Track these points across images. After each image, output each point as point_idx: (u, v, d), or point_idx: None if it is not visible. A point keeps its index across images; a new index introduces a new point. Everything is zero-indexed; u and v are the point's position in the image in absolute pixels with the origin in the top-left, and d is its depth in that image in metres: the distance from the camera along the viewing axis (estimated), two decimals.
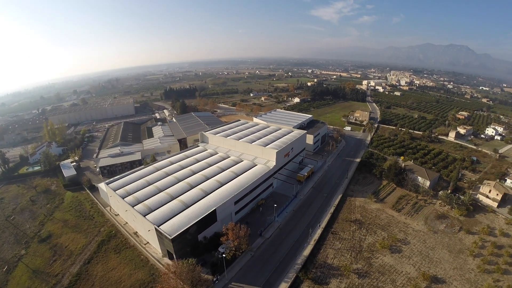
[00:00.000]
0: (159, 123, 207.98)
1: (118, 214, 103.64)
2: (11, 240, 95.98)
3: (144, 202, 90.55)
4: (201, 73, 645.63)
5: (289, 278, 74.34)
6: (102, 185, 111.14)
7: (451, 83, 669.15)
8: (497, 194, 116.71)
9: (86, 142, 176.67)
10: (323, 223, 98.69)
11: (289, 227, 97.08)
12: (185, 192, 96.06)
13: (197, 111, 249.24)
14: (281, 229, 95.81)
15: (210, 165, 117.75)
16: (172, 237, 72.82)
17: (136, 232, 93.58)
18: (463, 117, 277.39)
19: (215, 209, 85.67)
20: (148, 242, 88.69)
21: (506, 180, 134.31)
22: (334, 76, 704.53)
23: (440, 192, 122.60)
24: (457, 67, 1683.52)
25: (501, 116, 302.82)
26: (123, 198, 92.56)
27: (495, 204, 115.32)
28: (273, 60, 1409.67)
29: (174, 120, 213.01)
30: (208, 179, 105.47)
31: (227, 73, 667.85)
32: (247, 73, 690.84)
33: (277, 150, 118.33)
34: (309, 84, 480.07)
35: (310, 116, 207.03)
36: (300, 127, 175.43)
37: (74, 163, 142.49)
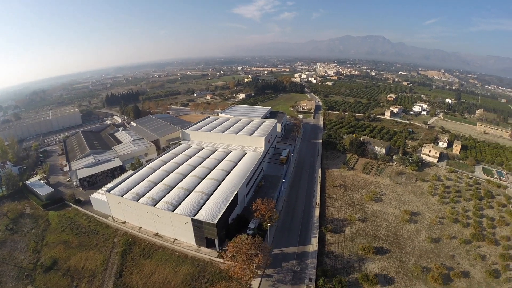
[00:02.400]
0: (121, 128, 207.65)
1: (126, 222, 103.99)
2: (7, 279, 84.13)
3: (163, 200, 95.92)
4: (131, 78, 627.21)
5: (315, 234, 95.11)
6: (96, 196, 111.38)
7: (373, 70, 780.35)
8: (436, 153, 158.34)
9: (42, 158, 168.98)
10: (317, 191, 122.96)
11: (293, 199, 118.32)
12: (199, 184, 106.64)
13: (150, 114, 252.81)
14: (287, 201, 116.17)
15: (205, 158, 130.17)
16: (216, 222, 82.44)
17: (157, 233, 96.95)
18: (392, 98, 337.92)
19: (237, 192, 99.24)
20: (175, 239, 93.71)
21: (438, 143, 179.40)
22: (265, 72, 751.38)
23: (394, 156, 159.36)
24: (375, 55, 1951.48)
25: (422, 95, 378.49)
26: (137, 201, 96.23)
27: (435, 160, 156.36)
28: (200, 60, 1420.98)
29: (135, 125, 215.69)
30: (211, 170, 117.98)
31: (158, 76, 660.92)
32: (179, 74, 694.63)
33: (264, 137, 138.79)
34: (245, 80, 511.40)
35: (269, 108, 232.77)
36: (265, 117, 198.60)
37: (44, 180, 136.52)
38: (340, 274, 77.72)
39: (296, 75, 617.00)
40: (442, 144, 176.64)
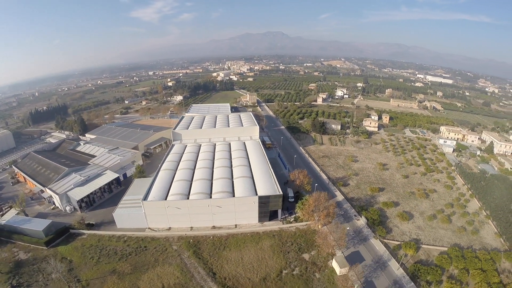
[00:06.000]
0: (82, 142, 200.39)
1: (170, 227, 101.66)
2: None
3: (214, 191, 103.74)
4: (38, 94, 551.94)
5: (334, 189, 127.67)
6: (120, 211, 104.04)
7: (281, 64, 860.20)
8: (375, 124, 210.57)
9: None
10: (312, 162, 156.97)
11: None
12: (233, 172, 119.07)
13: (97, 125, 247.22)
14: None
15: (213, 152, 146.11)
16: (281, 193, 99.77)
17: (214, 226, 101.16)
18: (313, 87, 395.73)
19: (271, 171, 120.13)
20: (236, 224, 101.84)
21: (371, 117, 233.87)
22: (181, 74, 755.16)
23: (348, 130, 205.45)
24: (275, 50, 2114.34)
25: (336, 83, 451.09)
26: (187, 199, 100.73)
27: (376, 129, 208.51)
28: (103, 68, 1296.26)
29: (93, 136, 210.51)
30: (230, 159, 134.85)
31: (67, 89, 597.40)
32: (90, 84, 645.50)
33: (257, 126, 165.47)
34: (170, 84, 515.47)
35: (228, 104, 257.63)
36: (231, 112, 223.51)
37: (21, 214, 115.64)
38: (368, 207, 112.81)
39: (214, 74, 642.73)
40: (374, 118, 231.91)
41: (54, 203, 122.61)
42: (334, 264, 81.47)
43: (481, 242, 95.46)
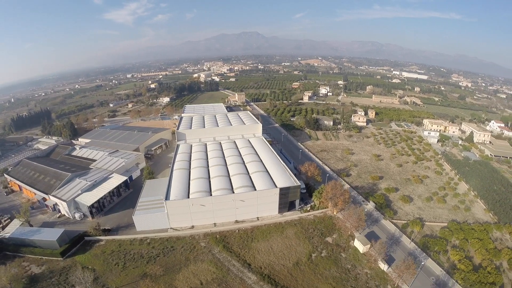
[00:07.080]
0: (77, 146, 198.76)
1: (193, 226, 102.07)
2: None
3: (235, 187, 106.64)
4: (13, 100, 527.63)
5: (339, 179, 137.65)
6: (140, 214, 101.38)
7: (259, 64, 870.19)
8: (363, 119, 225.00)
9: None
10: (313, 156, 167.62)
11: (301, 164, 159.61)
12: (247, 167, 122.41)
13: (87, 129, 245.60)
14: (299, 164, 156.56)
15: (222, 150, 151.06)
16: (300, 184, 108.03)
17: (236, 220, 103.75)
18: (297, 86, 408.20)
19: (284, 164, 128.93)
20: (258, 217, 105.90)
21: (358, 112, 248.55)
22: (161, 76, 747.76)
23: (339, 126, 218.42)
24: (251, 50, 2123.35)
25: (317, 81, 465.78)
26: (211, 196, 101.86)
27: (365, 124, 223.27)
28: (78, 72, 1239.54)
29: (88, 140, 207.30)
30: (241, 156, 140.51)
31: (44, 94, 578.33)
32: (68, 89, 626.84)
33: (260, 124, 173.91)
34: (152, 86, 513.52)
35: (222, 103, 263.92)
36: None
37: (25, 224, 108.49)
38: (373, 193, 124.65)
39: (196, 75, 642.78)
40: (361, 113, 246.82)
41: (60, 211, 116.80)
42: (357, 243, 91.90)
43: (474, 217, 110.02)
